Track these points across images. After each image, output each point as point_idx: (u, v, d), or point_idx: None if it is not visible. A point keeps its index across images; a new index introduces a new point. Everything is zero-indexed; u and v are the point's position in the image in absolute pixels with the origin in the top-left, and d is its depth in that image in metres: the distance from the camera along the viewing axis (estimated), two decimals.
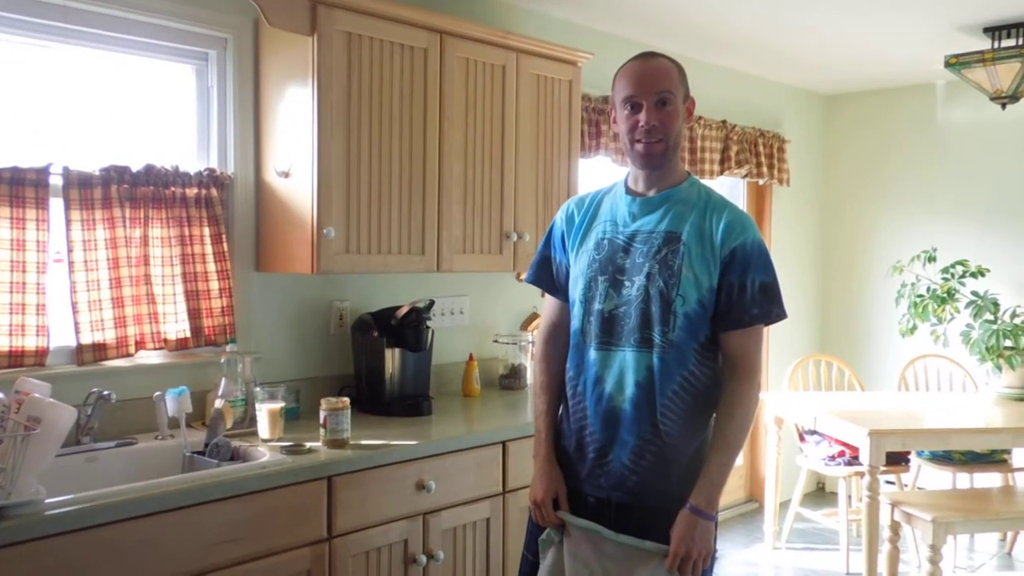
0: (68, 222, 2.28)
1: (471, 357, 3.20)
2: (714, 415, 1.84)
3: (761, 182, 4.71)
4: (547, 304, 2.06)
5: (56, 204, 2.27)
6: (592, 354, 1.86)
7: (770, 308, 1.81)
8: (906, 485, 4.38)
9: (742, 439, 1.81)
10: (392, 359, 2.75)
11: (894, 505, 3.49)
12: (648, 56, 1.89)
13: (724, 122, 4.36)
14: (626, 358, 1.82)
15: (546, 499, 1.89)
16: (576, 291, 1.92)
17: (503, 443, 2.59)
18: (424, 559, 2.38)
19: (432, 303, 2.85)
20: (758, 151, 4.60)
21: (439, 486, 2.40)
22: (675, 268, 1.79)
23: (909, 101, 4.95)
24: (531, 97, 3.08)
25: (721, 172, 4.38)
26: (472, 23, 2.92)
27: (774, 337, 4.93)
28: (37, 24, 2.26)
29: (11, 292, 2.19)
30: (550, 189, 3.18)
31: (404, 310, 2.76)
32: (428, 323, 2.84)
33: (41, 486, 1.76)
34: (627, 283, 1.83)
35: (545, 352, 2.03)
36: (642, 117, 1.82)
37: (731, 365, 1.82)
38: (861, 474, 3.56)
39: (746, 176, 4.57)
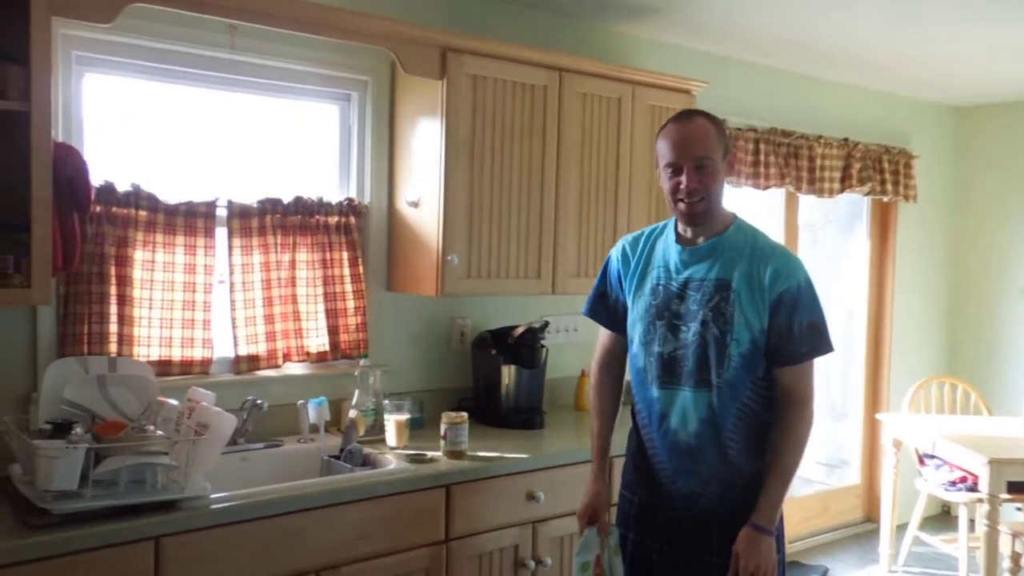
0: (230, 248, 2.61)
1: (583, 373, 3.36)
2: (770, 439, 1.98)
3: (886, 199, 4.63)
4: (602, 335, 2.25)
5: (220, 233, 2.60)
6: (655, 392, 2.04)
7: (818, 344, 1.95)
8: None
9: (797, 462, 1.97)
10: (508, 375, 2.96)
11: (1015, 536, 3.41)
12: (686, 118, 1.99)
13: (846, 140, 4.33)
14: (687, 397, 1.99)
15: (583, 514, 2.14)
16: (636, 333, 2.08)
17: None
18: (533, 564, 2.58)
19: (547, 324, 3.03)
20: (882, 168, 4.53)
21: (548, 496, 2.59)
22: (728, 315, 1.93)
23: None
24: (646, 126, 3.21)
25: (842, 190, 4.35)
26: (589, 59, 3.08)
27: (895, 356, 4.84)
28: (208, 76, 2.59)
29: (183, 309, 2.53)
30: (662, 214, 3.27)
31: (520, 330, 2.96)
32: (543, 342, 3.02)
33: (207, 483, 2.06)
34: (684, 328, 1.98)
35: (600, 379, 2.24)
36: (683, 180, 1.94)
37: (785, 396, 1.97)
38: (982, 501, 3.49)
39: (869, 194, 4.52)
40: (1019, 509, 4.29)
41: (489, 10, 3.12)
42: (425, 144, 2.78)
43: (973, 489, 3.87)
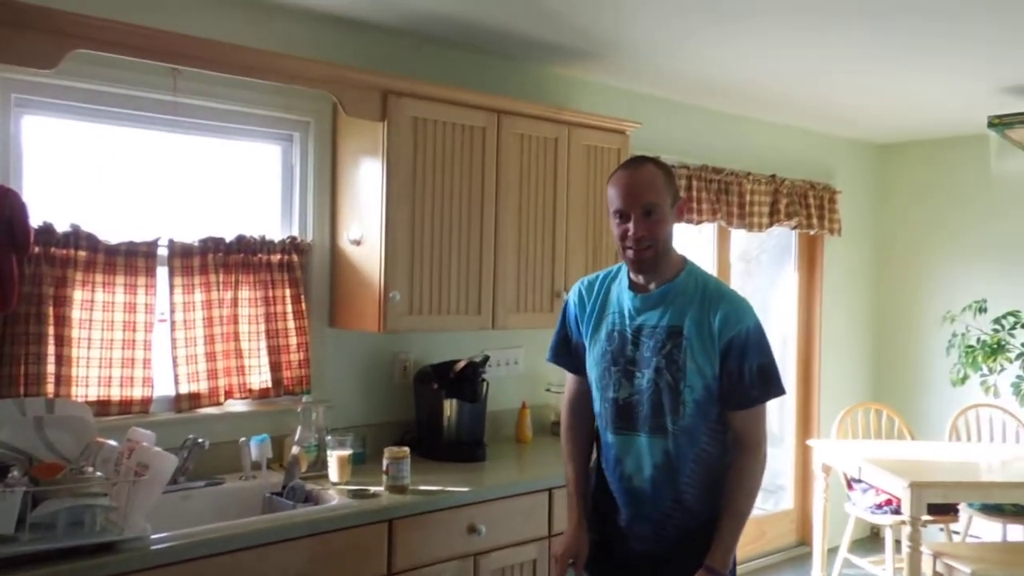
0: (171, 287, 2.63)
1: (524, 405, 3.44)
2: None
3: (812, 232, 4.84)
4: (569, 378, 2.27)
5: (162, 272, 2.61)
6: (610, 437, 2.07)
7: (768, 388, 1.98)
8: (957, 533, 4.42)
9: (750, 506, 2.00)
10: (450, 409, 3.02)
11: (936, 556, 3.57)
12: (635, 165, 2.02)
13: (773, 176, 4.53)
14: (642, 443, 2.01)
15: (564, 556, 2.11)
16: (592, 377, 2.11)
17: (549, 490, 2.81)
18: None
19: (487, 358, 3.10)
20: (808, 203, 4.75)
21: (490, 529, 2.64)
22: (680, 362, 1.96)
23: (963, 151, 5.01)
24: (581, 165, 3.33)
25: (770, 224, 4.54)
26: (527, 102, 3.19)
27: (824, 384, 5.03)
28: (150, 117, 2.62)
29: (123, 348, 2.53)
30: (599, 249, 3.41)
31: (462, 364, 3.02)
32: (483, 376, 3.09)
33: (147, 524, 2.06)
34: (638, 374, 2.02)
35: (569, 422, 2.24)
36: (630, 227, 1.96)
37: (737, 440, 2.01)
38: (905, 523, 3.64)
39: (796, 227, 4.72)
40: (941, 530, 4.48)
41: (428, 53, 3.22)
42: (367, 183, 2.84)
43: (897, 511, 4.04)
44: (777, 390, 2.00)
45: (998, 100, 3.96)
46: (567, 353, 2.21)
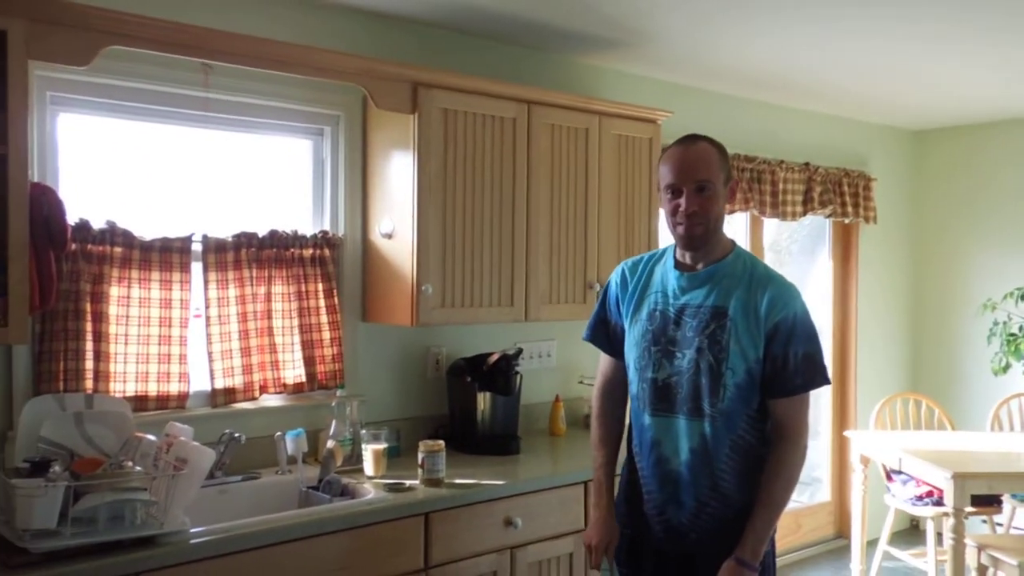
0: (206, 282, 2.64)
1: (557, 398, 3.42)
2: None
3: (847, 221, 4.76)
4: (602, 361, 2.23)
5: (196, 267, 2.62)
6: (647, 419, 2.03)
7: (813, 376, 1.93)
8: (1000, 525, 4.33)
9: (787, 498, 1.95)
10: (483, 402, 3.00)
11: (980, 548, 3.50)
12: (689, 142, 1.99)
13: (807, 164, 4.45)
14: (680, 425, 1.97)
15: (599, 546, 2.09)
16: (631, 358, 2.07)
17: (584, 483, 2.78)
18: None
19: (520, 351, 3.09)
20: (843, 191, 4.67)
21: (525, 522, 2.62)
22: (723, 343, 1.92)
23: (1001, 136, 4.91)
24: (613, 155, 3.30)
25: (804, 213, 4.47)
26: (557, 91, 3.16)
27: (861, 375, 4.95)
28: (183, 114, 2.63)
29: (159, 344, 2.55)
30: (631, 240, 3.37)
31: (495, 357, 3.00)
32: (517, 369, 3.07)
33: (186, 517, 2.07)
34: (679, 354, 1.97)
35: (602, 407, 2.20)
36: (682, 202, 1.93)
37: (778, 429, 1.95)
38: (948, 515, 3.57)
39: (830, 216, 4.65)
40: (984, 522, 4.39)
41: (457, 44, 3.20)
42: (398, 176, 2.83)
43: (939, 503, 3.96)
44: (822, 379, 1.94)
45: None
46: (604, 333, 2.18)
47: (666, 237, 3.51)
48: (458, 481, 2.59)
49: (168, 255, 2.56)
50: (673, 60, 3.61)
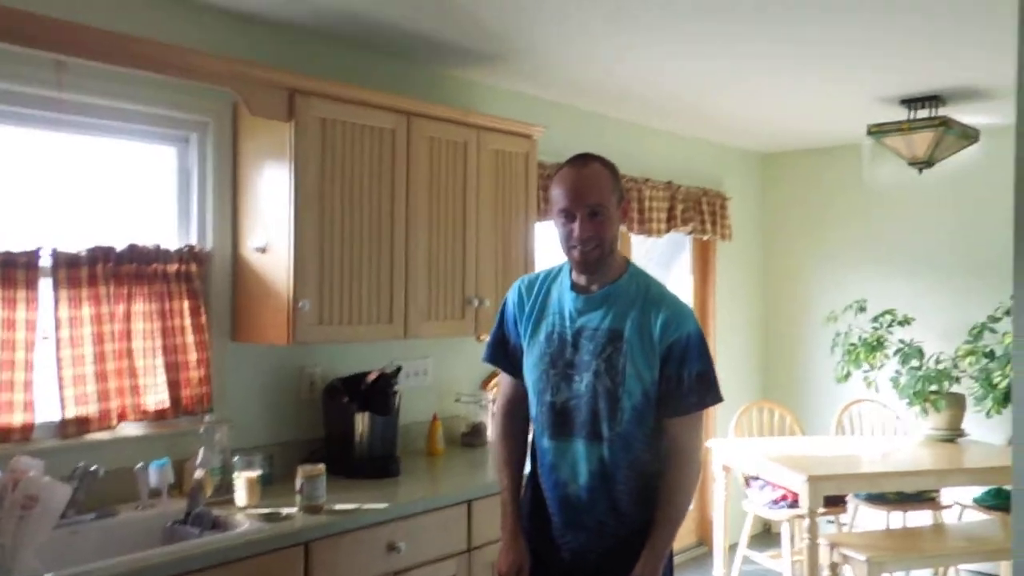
0: (56, 301, 2.39)
1: (435, 417, 3.36)
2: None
3: (705, 237, 4.99)
4: (503, 381, 2.20)
5: (45, 284, 2.38)
6: (546, 443, 2.01)
7: (705, 395, 1.96)
8: (845, 524, 4.64)
9: (683, 514, 1.99)
10: (362, 423, 2.89)
11: (832, 546, 3.72)
12: (580, 164, 1.97)
13: (670, 183, 4.63)
14: (578, 448, 1.97)
15: (510, 572, 2.04)
16: (530, 380, 2.05)
17: (468, 502, 2.75)
18: None
19: (399, 369, 3.01)
20: (702, 209, 4.88)
21: (409, 546, 2.54)
22: (619, 366, 1.92)
23: (838, 160, 5.31)
24: (490, 169, 3.29)
25: (668, 230, 4.64)
26: (436, 104, 3.12)
27: (722, 385, 5.17)
28: (32, 115, 2.38)
29: (1, 370, 2.28)
30: (509, 254, 3.37)
31: (373, 376, 2.91)
32: (396, 388, 2.99)
33: (37, 562, 1.86)
34: (576, 378, 1.97)
35: (504, 428, 2.17)
36: (576, 228, 1.92)
37: (672, 448, 1.98)
38: (802, 517, 3.79)
39: (691, 232, 4.85)
40: (831, 522, 4.69)
41: (333, 53, 3.10)
42: (272, 187, 2.69)
43: (794, 506, 4.20)
44: (714, 397, 1.97)
45: (870, 110, 4.20)
46: (504, 354, 2.14)
47: (542, 253, 3.56)
48: (338, 507, 2.47)
49: (12, 271, 2.30)
50: (545, 76, 3.65)
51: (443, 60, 3.37)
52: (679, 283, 5.22)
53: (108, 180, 2.62)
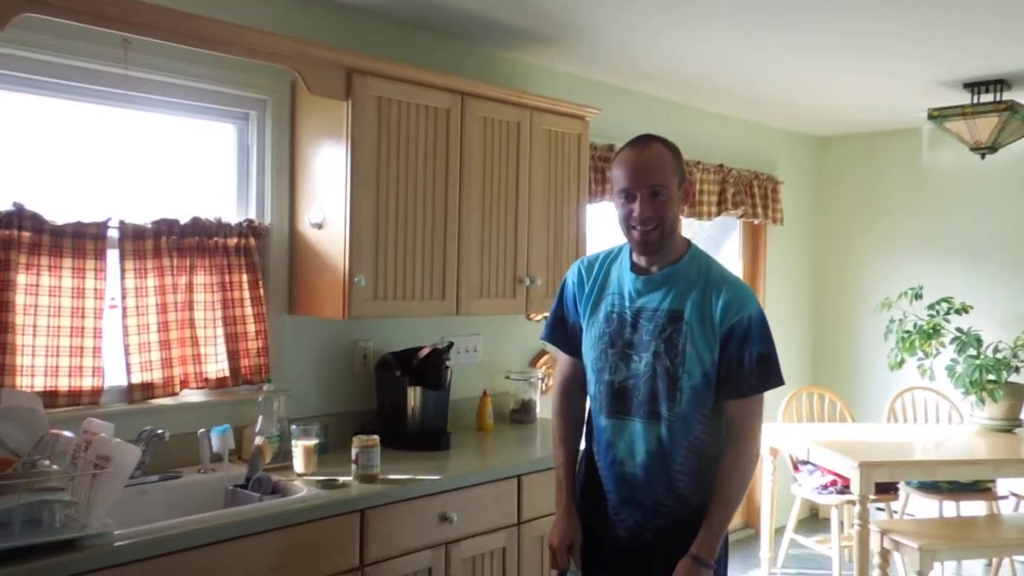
0: (123, 271, 2.48)
1: (485, 393, 3.39)
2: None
3: (756, 222, 4.94)
4: (561, 360, 2.21)
5: (112, 255, 2.46)
6: (603, 421, 2.03)
7: (767, 378, 1.94)
8: (895, 512, 4.58)
9: (741, 497, 1.97)
10: (413, 396, 2.95)
11: (883, 533, 3.68)
12: (642, 144, 1.96)
13: (721, 166, 4.59)
14: (636, 427, 1.97)
15: (562, 546, 2.06)
16: (588, 359, 2.06)
17: (518, 477, 2.78)
18: None
19: (451, 344, 3.05)
20: (753, 192, 4.83)
21: (460, 517, 2.59)
22: (679, 347, 1.92)
23: (896, 144, 5.20)
24: (543, 150, 3.30)
25: (718, 213, 4.60)
26: (489, 84, 3.14)
27: None
28: (99, 91, 2.46)
29: (71, 336, 2.38)
30: (560, 235, 3.39)
31: (426, 351, 2.95)
32: (447, 364, 3.03)
33: (109, 519, 1.94)
34: (636, 357, 1.97)
35: (561, 406, 2.18)
36: (636, 208, 1.92)
37: (732, 429, 1.97)
38: (852, 502, 3.75)
39: (742, 216, 4.80)
40: (881, 509, 4.63)
41: (389, 32, 3.13)
42: (329, 165, 2.74)
43: (843, 491, 4.15)
44: (776, 380, 1.95)
45: (932, 94, 4.11)
46: (563, 333, 2.16)
47: (593, 234, 3.56)
48: (392, 477, 2.53)
49: (82, 241, 2.39)
50: (601, 59, 3.65)
51: (499, 41, 3.38)
52: (727, 267, 5.17)
53: (172, 155, 2.70)
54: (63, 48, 2.34)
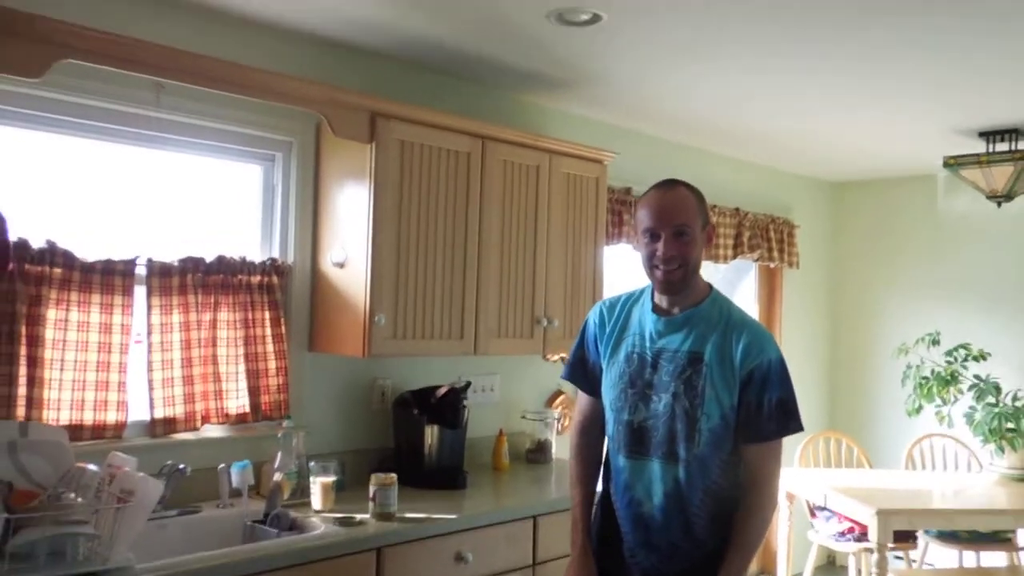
0: (149, 307, 2.53)
1: (501, 432, 3.41)
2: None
3: (772, 265, 4.96)
4: (580, 399, 2.23)
5: (139, 291, 2.52)
6: (622, 461, 2.03)
7: (786, 423, 1.94)
8: (914, 561, 4.51)
9: (759, 543, 1.96)
10: (431, 435, 2.96)
11: None
12: (668, 187, 2.02)
13: (737, 209, 4.63)
14: (654, 468, 1.98)
15: None
16: (608, 399, 2.08)
17: (534, 518, 2.78)
18: None
19: (469, 384, 3.07)
20: (769, 236, 4.86)
21: (476, 557, 2.59)
22: (699, 389, 1.93)
23: (912, 191, 5.23)
24: (561, 193, 3.35)
25: (734, 256, 4.63)
26: (510, 128, 3.21)
27: None
28: (131, 133, 2.54)
29: (97, 370, 2.43)
30: (578, 277, 3.42)
31: (444, 390, 2.98)
32: (464, 403, 3.05)
33: (131, 553, 1.96)
34: (655, 398, 1.98)
35: (579, 445, 2.19)
36: (660, 247, 1.95)
37: (750, 475, 1.97)
38: (870, 550, 3.70)
39: (758, 260, 4.83)
40: (899, 558, 4.57)
41: (410, 78, 3.21)
42: (352, 205, 2.80)
43: (861, 539, 4.11)
44: (795, 425, 1.95)
45: (947, 142, 4.15)
46: (583, 373, 2.18)
47: (611, 277, 3.60)
48: (409, 515, 2.54)
49: (110, 278, 2.45)
50: (617, 103, 3.71)
51: (515, 85, 3.46)
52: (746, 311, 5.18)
53: (199, 195, 2.77)
54: (98, 91, 2.42)
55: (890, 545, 3.67)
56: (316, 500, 2.56)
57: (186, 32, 2.57)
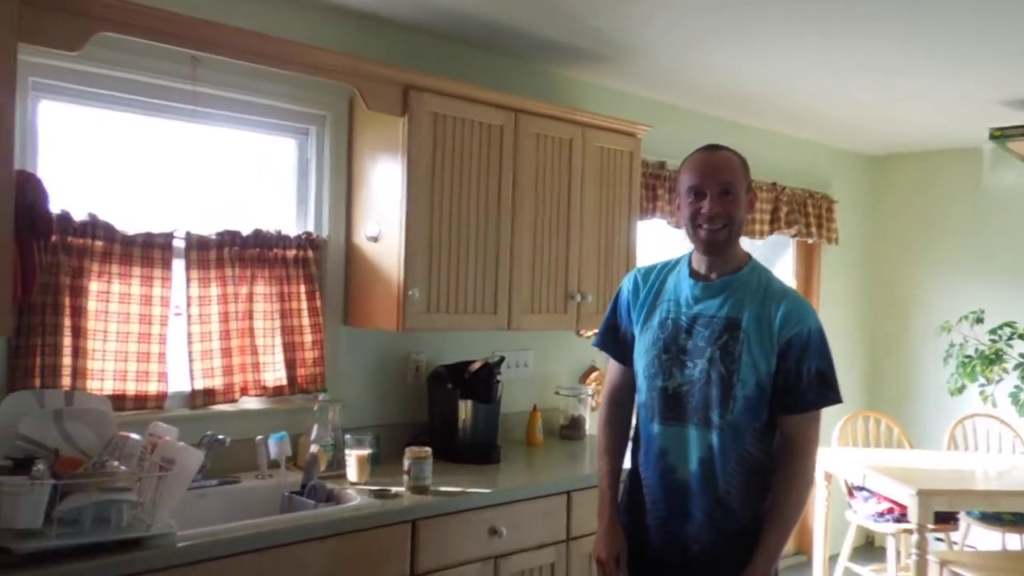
0: (188, 280, 2.56)
1: (535, 408, 3.40)
2: (770, 490, 1.95)
3: (810, 241, 4.87)
4: (611, 368, 2.20)
5: (178, 264, 2.55)
6: (656, 428, 2.00)
7: (825, 394, 1.91)
8: (955, 543, 4.44)
9: (797, 516, 1.93)
10: (465, 410, 2.97)
11: (943, 564, 3.57)
12: (713, 148, 2.01)
13: (774, 184, 4.55)
14: (690, 434, 1.95)
15: (609, 560, 2.04)
16: (640, 366, 2.05)
17: (568, 493, 2.78)
18: None
19: (503, 359, 3.07)
20: (807, 211, 4.78)
21: (509, 532, 2.59)
22: (735, 354, 1.90)
23: (956, 164, 5.09)
24: (594, 167, 3.32)
25: (771, 232, 4.56)
26: (543, 102, 3.18)
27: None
28: (168, 106, 2.56)
29: (139, 342, 2.46)
30: (611, 252, 3.39)
31: (477, 365, 2.98)
32: (498, 378, 3.05)
33: (172, 520, 1.99)
34: (690, 364, 1.95)
35: (610, 415, 2.17)
36: (705, 204, 1.92)
37: (788, 446, 1.94)
38: (910, 531, 3.65)
39: (795, 235, 4.75)
40: (939, 539, 4.49)
41: (444, 50, 3.19)
42: (385, 179, 2.80)
43: (900, 520, 4.04)
44: (834, 396, 1.92)
45: (991, 113, 4.03)
46: (614, 341, 2.15)
47: (644, 251, 3.56)
48: (443, 489, 2.55)
49: (150, 251, 2.48)
50: (652, 77, 3.66)
51: (550, 58, 3.42)
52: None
53: (236, 169, 2.79)
54: (135, 65, 2.44)
55: (930, 526, 3.61)
56: (352, 472, 2.58)
57: (221, 5, 2.57)
